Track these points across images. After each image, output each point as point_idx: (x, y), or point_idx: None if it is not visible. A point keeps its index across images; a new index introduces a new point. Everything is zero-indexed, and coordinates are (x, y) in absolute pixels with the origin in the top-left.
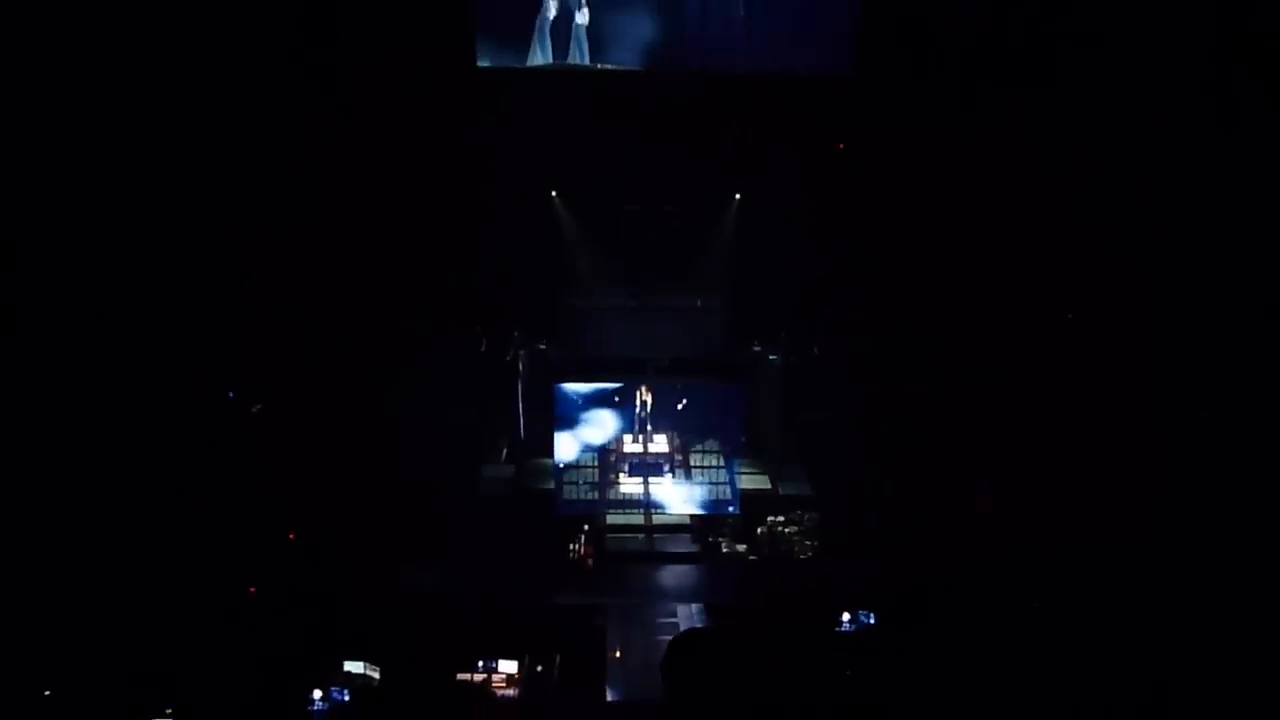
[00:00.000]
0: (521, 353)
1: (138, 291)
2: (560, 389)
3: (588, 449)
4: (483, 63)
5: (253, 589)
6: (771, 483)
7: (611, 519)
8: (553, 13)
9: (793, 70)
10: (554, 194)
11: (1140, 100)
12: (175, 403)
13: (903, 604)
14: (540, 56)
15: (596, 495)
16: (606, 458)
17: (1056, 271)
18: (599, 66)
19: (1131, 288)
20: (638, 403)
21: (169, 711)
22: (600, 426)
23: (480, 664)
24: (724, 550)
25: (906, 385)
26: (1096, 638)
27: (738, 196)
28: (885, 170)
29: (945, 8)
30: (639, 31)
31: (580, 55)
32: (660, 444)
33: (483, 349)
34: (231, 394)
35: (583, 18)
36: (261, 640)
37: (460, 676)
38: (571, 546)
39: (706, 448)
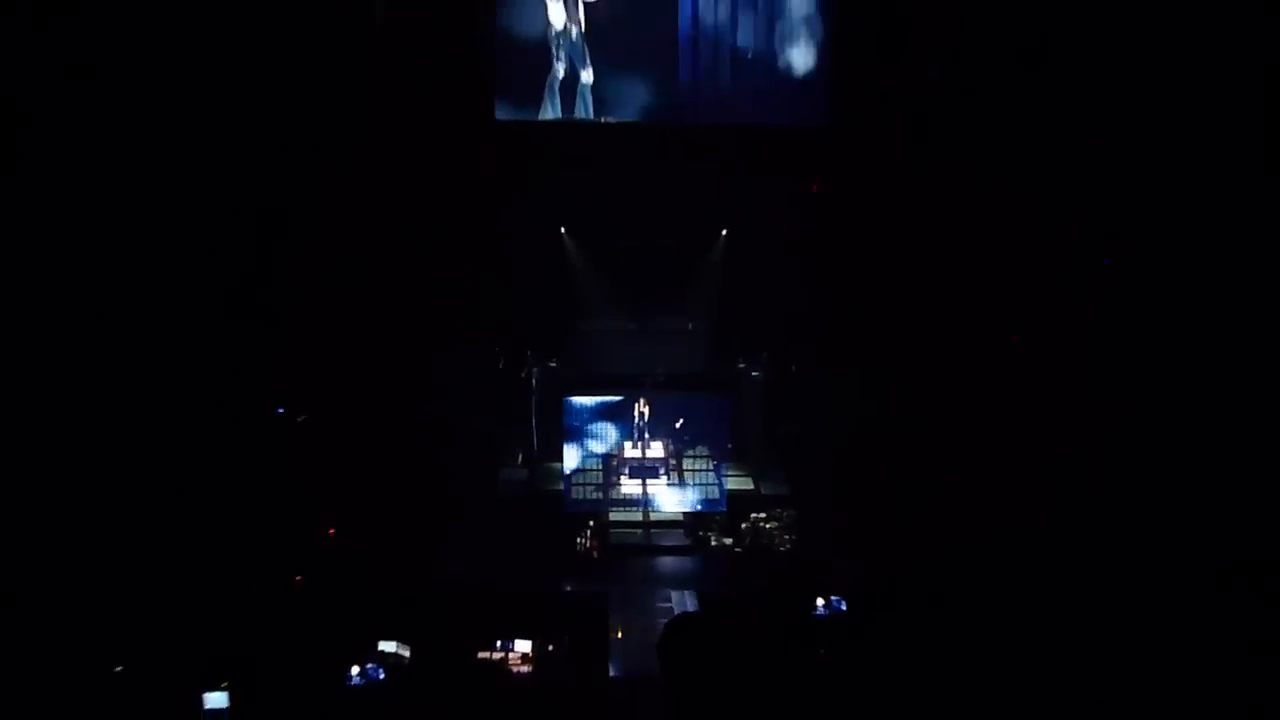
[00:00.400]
0: (534, 370)
1: (217, 323)
2: (568, 402)
3: (593, 455)
4: (500, 117)
5: (299, 578)
6: (754, 484)
7: (614, 516)
8: (561, 74)
9: (771, 122)
10: (563, 230)
11: (1096, 141)
12: (238, 418)
13: (870, 591)
14: (550, 111)
15: (601, 495)
16: (609, 462)
17: (1005, 297)
18: (602, 120)
19: (1080, 313)
20: (636, 414)
21: (225, 685)
22: (604, 435)
23: (498, 644)
24: (713, 543)
25: (872, 399)
26: (1037, 620)
27: (724, 232)
28: (855, 209)
29: (909, 64)
30: (637, 91)
31: (585, 111)
32: (657, 450)
33: (501, 367)
34: (280, 409)
35: (587, 78)
36: (306, 623)
37: (481, 655)
38: (579, 540)
39: (697, 453)
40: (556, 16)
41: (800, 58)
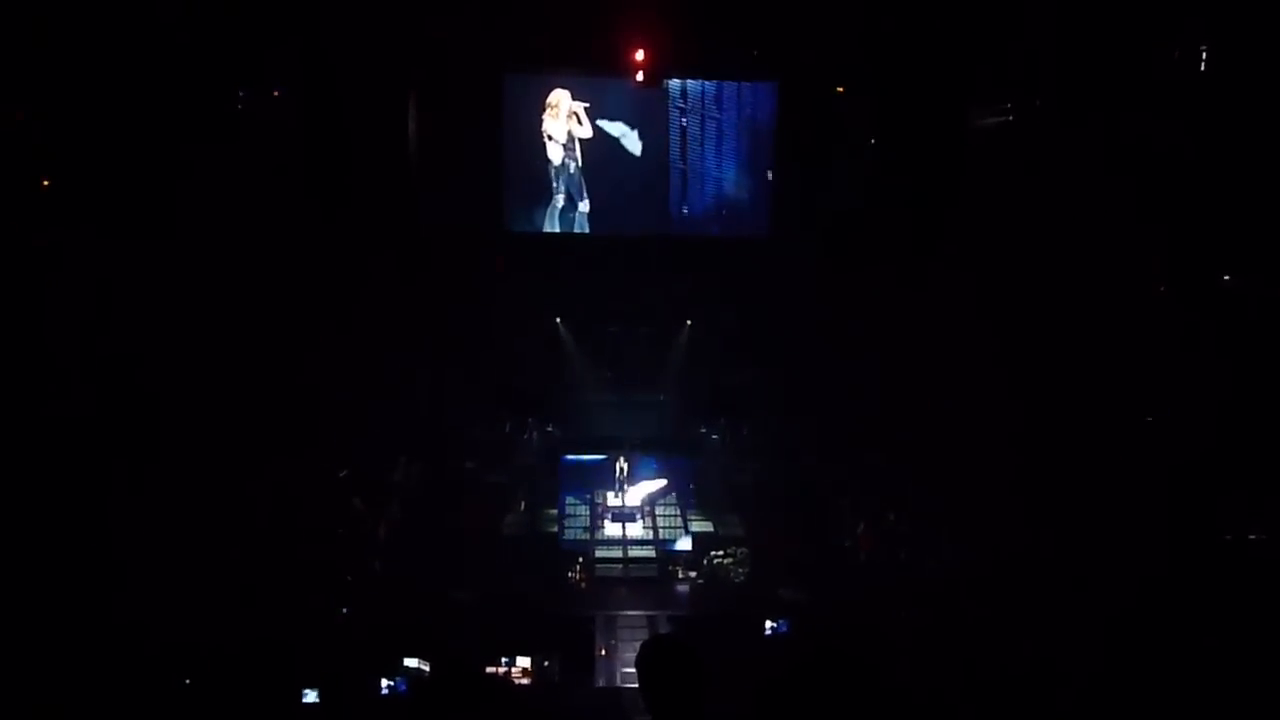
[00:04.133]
0: (535, 433)
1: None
2: (563, 459)
3: (582, 502)
4: (512, 229)
5: (344, 610)
6: (713, 527)
7: (599, 553)
8: (560, 204)
9: (730, 234)
10: (558, 320)
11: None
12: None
13: (808, 615)
14: (551, 229)
15: (588, 536)
16: (595, 509)
17: (910, 371)
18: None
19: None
20: (617, 469)
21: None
22: (591, 486)
23: (503, 659)
24: (680, 576)
25: (808, 458)
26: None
27: (689, 322)
28: (792, 303)
29: (827, 192)
30: (629, 214)
31: (583, 230)
32: (634, 499)
33: (507, 430)
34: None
35: (584, 207)
36: (347, 645)
37: (488, 669)
38: (570, 573)
39: (667, 502)
40: (555, 154)
41: (748, 185)
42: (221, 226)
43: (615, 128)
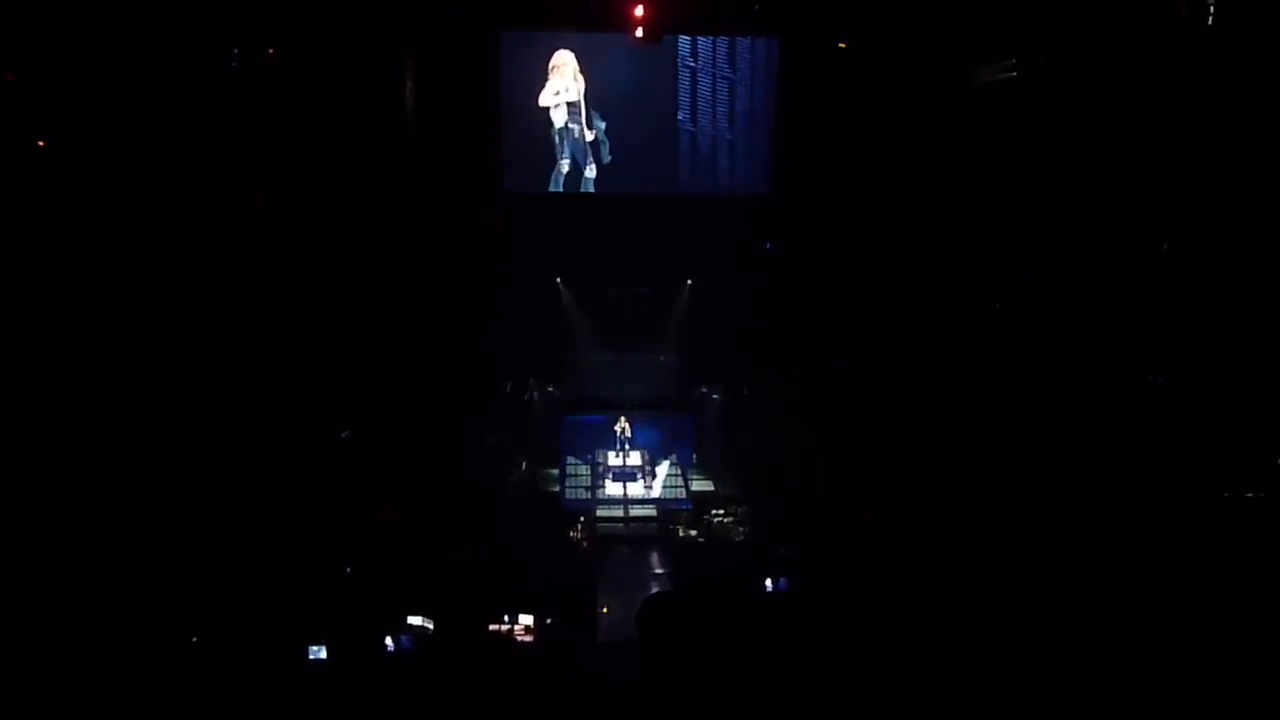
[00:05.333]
0: (536, 394)
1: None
2: (564, 419)
3: (583, 462)
4: (509, 188)
5: (349, 569)
6: (714, 485)
7: (600, 513)
8: (565, 169)
9: (737, 191)
10: (559, 280)
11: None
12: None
13: (808, 573)
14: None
15: (589, 495)
16: (596, 468)
17: (913, 332)
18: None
19: (976, 347)
20: (619, 429)
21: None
22: (592, 446)
23: (506, 618)
24: (680, 534)
25: (808, 416)
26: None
27: (690, 282)
28: (795, 263)
29: (838, 150)
30: (636, 180)
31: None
32: (635, 459)
33: (508, 391)
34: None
35: (591, 173)
36: (352, 603)
37: (491, 627)
38: (571, 533)
39: (668, 461)
40: (559, 117)
41: (754, 143)
42: (215, 187)
43: (598, 124)
